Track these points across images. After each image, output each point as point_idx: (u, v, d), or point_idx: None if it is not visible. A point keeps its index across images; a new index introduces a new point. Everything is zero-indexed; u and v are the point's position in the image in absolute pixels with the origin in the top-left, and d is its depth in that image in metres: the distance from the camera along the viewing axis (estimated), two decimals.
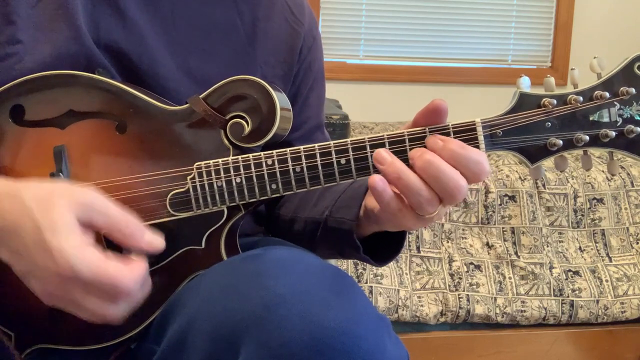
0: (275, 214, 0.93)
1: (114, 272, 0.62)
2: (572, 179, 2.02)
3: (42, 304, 0.74)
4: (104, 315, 0.64)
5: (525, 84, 0.68)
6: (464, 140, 0.67)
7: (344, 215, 0.79)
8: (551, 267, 1.95)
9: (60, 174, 0.73)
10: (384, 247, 0.81)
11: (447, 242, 1.94)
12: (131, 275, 0.63)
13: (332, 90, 1.61)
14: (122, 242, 0.65)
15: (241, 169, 0.71)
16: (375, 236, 0.79)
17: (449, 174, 0.64)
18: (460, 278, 1.90)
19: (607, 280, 1.98)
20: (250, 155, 0.71)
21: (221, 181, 0.72)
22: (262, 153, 0.71)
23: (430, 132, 0.67)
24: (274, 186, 0.71)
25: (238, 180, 0.71)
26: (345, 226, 0.78)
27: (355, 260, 0.90)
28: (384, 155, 0.66)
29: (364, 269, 1.86)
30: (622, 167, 2.06)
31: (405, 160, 0.67)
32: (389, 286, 1.85)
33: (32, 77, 0.75)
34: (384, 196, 0.66)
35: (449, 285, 1.89)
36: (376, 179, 0.66)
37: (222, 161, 0.71)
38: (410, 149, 0.68)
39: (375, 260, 0.81)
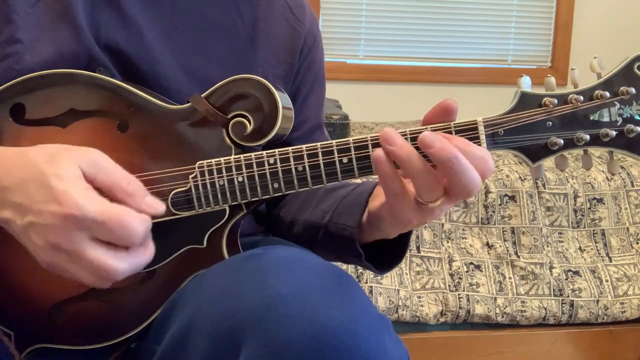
0: (275, 215, 0.93)
1: (121, 211, 0.60)
2: (572, 179, 2.02)
3: (42, 303, 0.75)
4: (105, 266, 0.61)
5: (526, 84, 0.68)
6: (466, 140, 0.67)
7: (346, 222, 0.78)
8: (551, 267, 1.95)
9: None
10: (385, 254, 0.80)
11: (447, 242, 1.94)
12: (139, 218, 0.61)
13: (332, 90, 1.60)
14: (124, 201, 0.63)
15: (243, 167, 0.71)
16: (377, 244, 0.79)
17: (472, 172, 0.62)
18: (460, 278, 1.90)
19: (607, 280, 1.98)
20: (252, 154, 0.71)
21: (223, 180, 0.72)
22: (264, 152, 0.71)
23: (432, 130, 0.67)
24: (276, 185, 0.71)
25: (240, 179, 0.71)
26: (346, 233, 0.77)
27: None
28: (394, 136, 0.64)
29: (364, 269, 1.86)
30: (622, 167, 2.06)
31: None
32: (389, 286, 1.85)
33: (33, 75, 0.75)
34: (388, 171, 0.65)
35: (449, 285, 1.89)
36: (380, 153, 0.64)
37: (224, 160, 0.71)
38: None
39: (377, 268, 0.80)
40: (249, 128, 0.73)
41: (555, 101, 0.67)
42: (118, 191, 0.63)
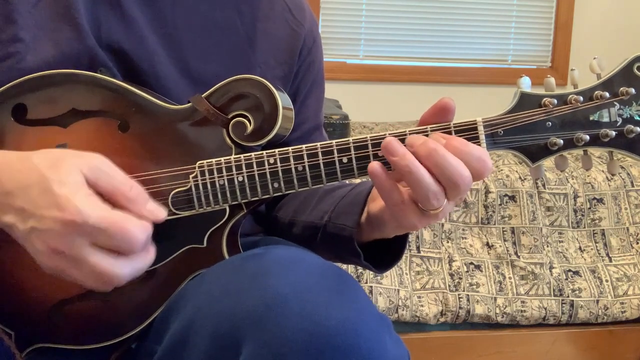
0: (274, 216, 0.93)
1: (122, 218, 0.61)
2: (572, 179, 2.02)
3: (43, 303, 0.75)
4: (107, 271, 0.62)
5: (525, 84, 0.68)
6: (466, 139, 0.67)
7: (345, 222, 0.78)
8: (551, 267, 1.96)
9: None
10: (384, 253, 0.80)
11: (447, 242, 1.94)
12: (140, 224, 0.62)
13: (332, 90, 1.61)
14: (126, 207, 0.64)
15: (243, 167, 0.71)
16: (375, 243, 0.79)
17: (454, 163, 0.63)
18: (460, 278, 1.90)
19: (607, 280, 1.98)
20: (252, 154, 0.71)
21: (223, 180, 0.72)
22: (264, 152, 0.71)
23: (432, 131, 0.68)
24: (275, 185, 0.71)
25: (240, 178, 0.71)
26: (345, 232, 0.78)
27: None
28: (396, 146, 0.65)
29: (364, 269, 1.86)
30: (622, 167, 2.06)
31: None
32: (389, 286, 1.86)
33: (34, 76, 0.75)
34: (386, 184, 0.65)
35: (449, 285, 1.90)
36: (376, 166, 0.65)
37: (225, 160, 0.72)
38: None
39: (376, 267, 0.81)
40: (249, 128, 0.73)
41: (555, 101, 0.67)
42: (120, 197, 0.64)
